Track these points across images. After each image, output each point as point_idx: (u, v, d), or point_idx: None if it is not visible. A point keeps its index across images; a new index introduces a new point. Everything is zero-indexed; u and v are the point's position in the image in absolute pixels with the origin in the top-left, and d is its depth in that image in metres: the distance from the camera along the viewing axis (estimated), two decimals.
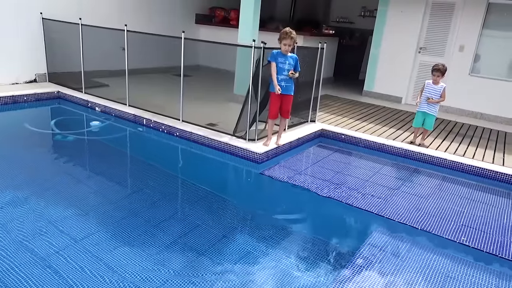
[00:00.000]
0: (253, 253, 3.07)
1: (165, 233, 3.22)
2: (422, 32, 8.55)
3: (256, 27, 7.04)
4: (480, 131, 6.98)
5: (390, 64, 9.01)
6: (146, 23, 8.94)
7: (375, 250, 3.26)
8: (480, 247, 3.42)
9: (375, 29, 9.12)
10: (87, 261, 2.75)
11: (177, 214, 3.64)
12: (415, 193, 4.48)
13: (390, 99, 9.06)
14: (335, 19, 12.77)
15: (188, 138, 5.56)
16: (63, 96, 7.21)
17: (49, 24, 7.48)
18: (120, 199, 3.81)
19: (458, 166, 5.25)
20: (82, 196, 3.75)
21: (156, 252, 2.95)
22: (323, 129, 6.27)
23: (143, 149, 5.48)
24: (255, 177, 4.82)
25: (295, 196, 4.33)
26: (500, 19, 7.77)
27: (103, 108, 6.64)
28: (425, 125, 5.67)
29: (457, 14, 8.05)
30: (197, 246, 3.08)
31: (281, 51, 4.83)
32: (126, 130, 6.12)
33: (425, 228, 3.67)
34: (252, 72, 4.94)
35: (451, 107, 8.32)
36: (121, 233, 3.16)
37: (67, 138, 5.44)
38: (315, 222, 3.88)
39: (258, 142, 5.19)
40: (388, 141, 5.81)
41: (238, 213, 3.87)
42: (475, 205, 4.31)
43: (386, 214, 3.86)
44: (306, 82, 6.08)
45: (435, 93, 5.52)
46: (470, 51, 8.02)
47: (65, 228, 3.14)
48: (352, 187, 4.45)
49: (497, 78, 7.85)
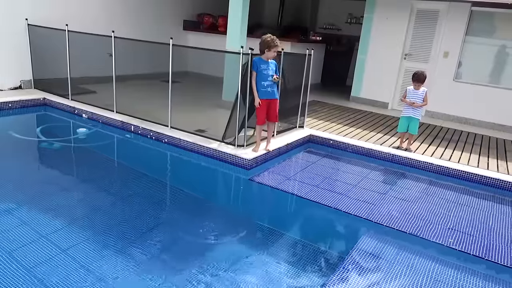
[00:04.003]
0: (242, 260, 3.06)
1: (154, 241, 3.19)
2: (407, 39, 8.70)
3: (244, 34, 7.08)
4: (465, 136, 7.11)
5: (376, 70, 9.13)
6: (134, 29, 8.89)
7: (364, 255, 3.28)
8: (467, 250, 3.47)
9: (361, 36, 9.26)
10: (73, 271, 2.71)
11: (166, 222, 3.61)
12: (402, 197, 4.53)
13: (376, 105, 9.17)
14: (322, 26, 12.90)
15: (177, 145, 5.53)
16: (49, 103, 7.11)
17: (35, 30, 7.38)
18: (108, 207, 3.76)
19: (444, 170, 5.33)
20: (68, 205, 3.70)
21: (145, 261, 2.91)
22: (312, 134, 6.30)
23: (131, 156, 5.43)
24: (244, 183, 4.82)
25: (284, 201, 4.34)
26: (482, 26, 7.96)
27: (90, 115, 6.56)
28: (409, 129, 5.75)
29: (441, 21, 8.22)
30: (185, 254, 3.06)
31: (262, 57, 4.89)
32: (114, 137, 6.06)
33: (413, 232, 3.71)
34: (240, 79, 4.96)
35: (437, 112, 8.47)
36: (108, 242, 3.12)
37: (53, 146, 5.37)
38: (304, 228, 3.90)
39: (247, 148, 5.20)
40: (376, 146, 5.88)
41: (227, 220, 3.86)
42: (461, 208, 4.38)
43: (374, 219, 3.89)
44: (294, 88, 6.12)
45: (417, 98, 5.62)
46: (454, 58, 8.19)
47: (51, 237, 3.08)
48: (341, 192, 4.48)
49: (480, 83, 8.03)
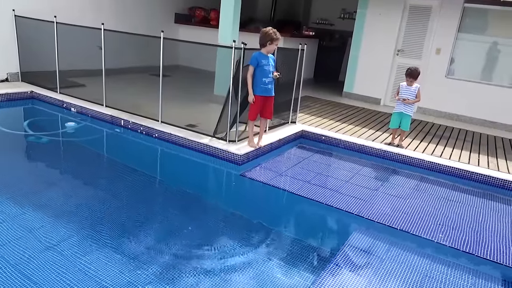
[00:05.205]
0: (231, 256, 3.04)
1: (143, 238, 3.15)
2: (400, 35, 8.71)
3: (237, 28, 7.02)
4: (457, 132, 7.16)
5: (369, 66, 9.14)
6: (124, 22, 8.77)
7: (355, 251, 3.28)
8: (457, 247, 3.49)
9: (354, 31, 9.24)
10: (61, 267, 2.66)
11: (155, 217, 3.58)
12: (394, 193, 4.55)
13: (369, 101, 9.19)
14: (315, 21, 12.86)
15: (167, 140, 5.48)
16: (37, 96, 6.99)
17: (22, 22, 7.23)
18: (96, 202, 3.71)
19: (435, 166, 5.36)
20: (56, 200, 3.64)
21: (134, 257, 2.88)
22: (304, 130, 6.29)
23: (121, 151, 5.37)
24: (236, 178, 4.79)
25: (275, 197, 4.33)
26: (475, 23, 8.00)
27: (79, 109, 6.47)
28: (401, 125, 5.76)
29: (434, 18, 8.24)
30: (175, 251, 3.03)
31: (263, 52, 4.80)
32: (103, 131, 5.98)
33: (403, 228, 3.73)
34: (232, 73, 4.91)
35: (429, 108, 8.51)
36: (97, 238, 3.07)
37: (41, 140, 5.28)
38: (296, 224, 3.90)
39: (238, 143, 5.17)
40: (368, 142, 5.89)
41: (218, 216, 3.84)
42: (452, 205, 4.41)
43: (365, 215, 3.90)
44: (287, 84, 6.09)
45: (410, 94, 5.62)
46: (446, 54, 8.22)
47: (39, 233, 3.03)
48: (333, 188, 4.48)
49: (471, 80, 8.08)
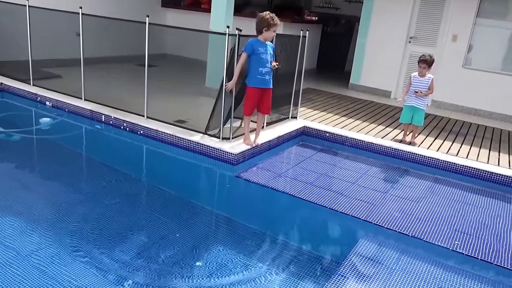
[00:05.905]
0: (227, 265, 3.05)
1: (128, 245, 3.16)
2: (412, 20, 8.72)
3: (231, 12, 7.00)
4: (475, 129, 7.19)
5: (378, 54, 9.15)
6: (104, 5, 8.75)
7: (362, 260, 3.30)
8: (475, 255, 3.51)
9: (362, 16, 9.25)
10: (34, 279, 2.66)
11: (141, 223, 3.58)
12: (405, 196, 4.57)
13: (378, 93, 9.21)
14: (318, 5, 12.86)
15: (154, 137, 5.48)
16: (7, 88, 6.99)
17: None
18: (74, 207, 3.71)
19: (451, 166, 5.39)
20: (29, 204, 3.63)
21: (118, 267, 2.88)
22: (306, 126, 6.31)
23: (101, 149, 5.37)
24: (230, 180, 4.80)
25: (274, 201, 4.34)
26: (495, 7, 8.02)
27: (55, 103, 6.46)
28: (414, 121, 5.77)
29: (450, 1, 8.25)
30: (164, 259, 3.03)
31: (259, 39, 4.80)
32: (82, 128, 5.98)
33: (416, 234, 3.75)
34: (226, 63, 4.91)
35: (444, 102, 8.54)
36: (75, 246, 3.07)
37: (12, 138, 5.27)
38: (297, 230, 3.91)
39: (233, 141, 5.17)
40: (376, 140, 5.91)
41: (211, 221, 3.84)
42: (470, 209, 4.44)
43: (374, 220, 3.92)
44: (287, 74, 6.09)
45: (422, 86, 5.63)
46: (463, 42, 8.23)
47: (10, 241, 3.03)
48: (337, 191, 4.49)
49: (492, 71, 8.10)
